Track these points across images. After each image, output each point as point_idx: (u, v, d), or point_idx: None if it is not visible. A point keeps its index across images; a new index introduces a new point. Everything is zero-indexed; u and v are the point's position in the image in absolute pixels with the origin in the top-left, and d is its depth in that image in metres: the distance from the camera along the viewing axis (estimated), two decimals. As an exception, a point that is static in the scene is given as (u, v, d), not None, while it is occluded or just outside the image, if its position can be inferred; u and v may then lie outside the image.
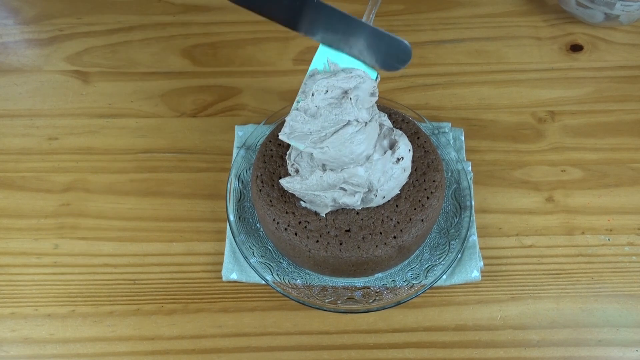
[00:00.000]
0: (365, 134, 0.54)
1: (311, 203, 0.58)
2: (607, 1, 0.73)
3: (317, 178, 0.56)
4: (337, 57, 0.57)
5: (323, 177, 0.55)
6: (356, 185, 0.55)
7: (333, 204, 0.57)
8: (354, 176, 0.55)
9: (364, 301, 0.59)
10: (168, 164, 0.70)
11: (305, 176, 0.57)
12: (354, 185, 0.55)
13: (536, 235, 0.65)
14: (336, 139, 0.54)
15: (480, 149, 0.71)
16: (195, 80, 0.77)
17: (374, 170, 0.55)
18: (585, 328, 0.60)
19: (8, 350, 0.59)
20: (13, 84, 0.77)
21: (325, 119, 0.55)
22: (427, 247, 0.63)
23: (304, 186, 0.56)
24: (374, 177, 0.56)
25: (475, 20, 0.81)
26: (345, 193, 0.56)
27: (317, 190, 0.56)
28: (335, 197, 0.56)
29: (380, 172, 0.56)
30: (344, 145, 0.54)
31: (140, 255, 0.64)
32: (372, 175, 0.55)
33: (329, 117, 0.55)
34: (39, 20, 0.82)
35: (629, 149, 0.70)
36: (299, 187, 0.57)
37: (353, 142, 0.54)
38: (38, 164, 0.70)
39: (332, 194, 0.56)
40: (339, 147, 0.54)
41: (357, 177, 0.55)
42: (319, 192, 0.56)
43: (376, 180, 0.56)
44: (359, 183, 0.55)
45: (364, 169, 0.55)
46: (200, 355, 0.59)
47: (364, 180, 0.55)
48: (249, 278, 0.62)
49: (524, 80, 0.76)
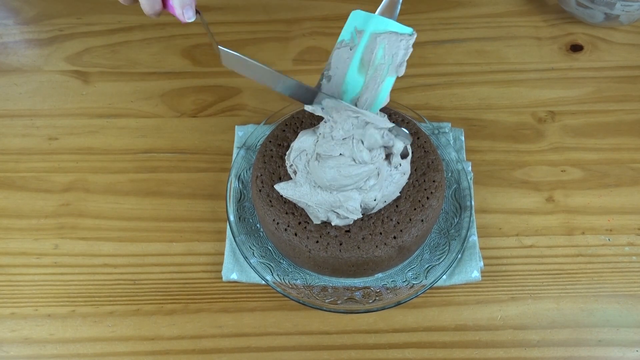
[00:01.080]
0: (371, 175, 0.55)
1: (306, 207, 0.58)
2: (607, 1, 0.73)
3: (309, 189, 0.56)
4: (366, 23, 0.56)
5: (315, 195, 0.55)
6: (350, 212, 0.55)
7: (326, 220, 0.57)
8: (349, 200, 0.55)
9: (364, 301, 0.59)
10: (168, 164, 0.70)
11: (300, 182, 0.56)
12: (347, 211, 0.55)
13: (536, 235, 0.65)
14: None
15: (480, 149, 0.71)
16: (195, 80, 0.77)
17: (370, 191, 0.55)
18: (585, 328, 0.60)
19: (8, 351, 0.59)
20: (13, 84, 0.77)
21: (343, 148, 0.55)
22: (427, 247, 0.63)
23: (297, 193, 0.56)
24: (369, 197, 0.56)
25: (475, 20, 0.81)
26: (338, 215, 0.56)
27: (310, 201, 0.56)
28: (329, 217, 0.56)
29: (377, 191, 0.56)
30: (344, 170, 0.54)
31: (140, 255, 0.64)
32: (368, 196, 0.55)
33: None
34: (39, 20, 0.82)
35: (629, 149, 0.70)
36: (292, 194, 0.57)
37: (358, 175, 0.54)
38: (38, 164, 0.70)
39: (325, 213, 0.56)
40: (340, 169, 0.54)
41: (352, 201, 0.55)
42: (312, 203, 0.56)
43: (372, 200, 0.56)
44: (353, 210, 0.55)
45: (359, 193, 0.55)
46: (200, 355, 0.59)
47: (358, 205, 0.55)
48: (249, 278, 0.62)
49: (524, 80, 0.76)
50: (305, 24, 0.82)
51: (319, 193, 0.55)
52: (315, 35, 0.81)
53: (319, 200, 0.55)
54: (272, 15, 0.82)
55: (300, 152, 0.57)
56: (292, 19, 0.82)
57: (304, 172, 0.57)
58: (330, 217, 0.56)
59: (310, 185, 0.56)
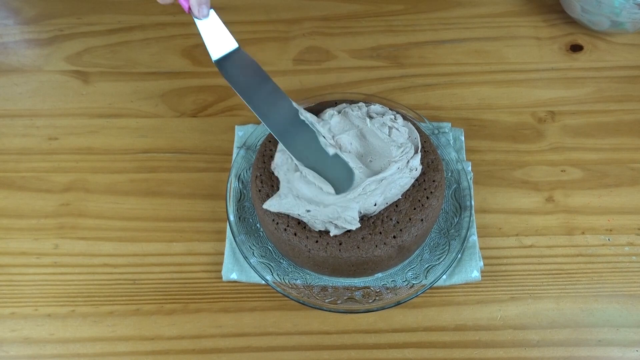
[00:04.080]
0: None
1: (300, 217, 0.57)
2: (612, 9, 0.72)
3: (293, 200, 0.56)
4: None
5: (300, 206, 0.55)
6: (348, 222, 0.55)
7: (323, 230, 0.57)
8: (346, 210, 0.54)
9: (364, 301, 0.59)
10: (168, 164, 0.70)
11: (283, 194, 0.56)
12: (345, 221, 0.55)
13: (536, 235, 0.65)
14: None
15: (480, 149, 0.71)
16: (195, 80, 0.77)
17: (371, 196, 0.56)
18: (585, 328, 0.60)
19: (8, 350, 0.59)
20: (13, 84, 0.77)
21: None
22: (427, 247, 0.63)
23: (283, 206, 0.56)
24: (369, 202, 0.55)
25: (475, 20, 0.81)
26: (336, 226, 0.56)
27: (303, 213, 0.56)
28: (327, 227, 0.56)
29: (379, 196, 0.56)
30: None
31: (140, 255, 0.64)
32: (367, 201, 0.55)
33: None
34: (39, 20, 0.82)
35: (629, 149, 0.70)
36: (277, 208, 0.56)
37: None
38: (38, 164, 0.70)
39: (323, 223, 0.56)
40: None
41: (349, 210, 0.54)
42: (306, 215, 0.56)
43: (372, 205, 0.56)
44: (351, 220, 0.55)
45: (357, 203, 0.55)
46: (200, 355, 0.59)
47: (355, 214, 0.55)
48: (249, 278, 0.62)
49: (524, 80, 0.76)
50: (305, 24, 0.82)
51: (313, 213, 0.55)
52: (315, 35, 0.81)
53: (314, 213, 0.55)
54: (272, 15, 0.82)
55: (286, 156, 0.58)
56: (292, 19, 0.82)
57: (285, 182, 0.57)
58: (328, 227, 0.56)
59: (293, 196, 0.56)
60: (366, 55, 0.78)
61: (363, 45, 0.79)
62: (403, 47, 0.79)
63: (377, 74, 0.76)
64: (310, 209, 0.55)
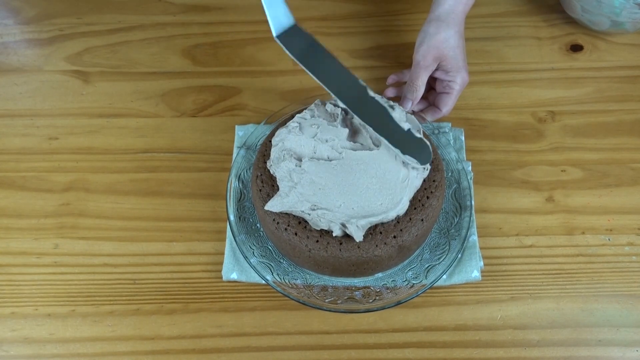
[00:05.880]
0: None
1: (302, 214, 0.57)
2: (612, 9, 0.72)
3: (294, 197, 0.55)
4: None
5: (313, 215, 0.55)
6: (358, 228, 0.55)
7: (327, 229, 0.56)
8: (399, 204, 0.55)
9: (364, 301, 0.59)
10: (168, 164, 0.70)
11: (284, 193, 0.56)
12: (355, 227, 0.55)
13: (536, 235, 0.65)
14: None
15: (481, 149, 0.71)
16: (195, 80, 0.77)
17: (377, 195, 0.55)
18: (585, 328, 0.60)
19: (8, 350, 0.59)
20: (13, 84, 0.77)
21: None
22: (427, 247, 0.63)
23: (285, 205, 0.56)
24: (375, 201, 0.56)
25: (475, 20, 0.81)
26: (341, 226, 0.56)
27: (302, 208, 0.55)
28: (331, 227, 0.55)
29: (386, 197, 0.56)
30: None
31: (140, 255, 0.64)
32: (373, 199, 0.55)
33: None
34: (39, 20, 0.82)
35: (629, 149, 0.70)
36: (279, 208, 0.56)
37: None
38: (38, 164, 0.70)
39: (327, 223, 0.55)
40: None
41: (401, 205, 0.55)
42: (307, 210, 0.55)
43: (378, 204, 0.56)
44: (361, 227, 0.55)
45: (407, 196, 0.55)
46: (200, 355, 0.59)
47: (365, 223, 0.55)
48: (249, 278, 0.62)
49: (524, 80, 0.76)
50: (305, 24, 0.81)
51: (316, 215, 0.55)
52: (315, 35, 0.80)
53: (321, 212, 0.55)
54: (272, 15, 0.82)
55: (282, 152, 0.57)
56: (292, 19, 0.82)
57: (286, 180, 0.56)
58: (332, 227, 0.55)
59: (297, 196, 0.56)
60: (366, 55, 0.78)
61: (363, 45, 0.79)
62: (403, 47, 0.79)
63: (377, 74, 0.76)
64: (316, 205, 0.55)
